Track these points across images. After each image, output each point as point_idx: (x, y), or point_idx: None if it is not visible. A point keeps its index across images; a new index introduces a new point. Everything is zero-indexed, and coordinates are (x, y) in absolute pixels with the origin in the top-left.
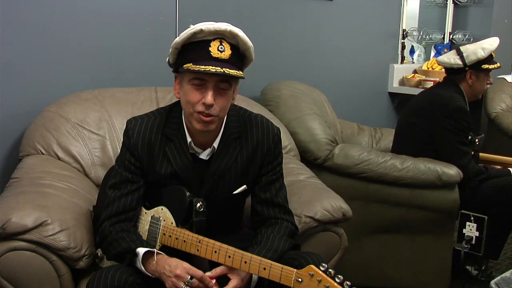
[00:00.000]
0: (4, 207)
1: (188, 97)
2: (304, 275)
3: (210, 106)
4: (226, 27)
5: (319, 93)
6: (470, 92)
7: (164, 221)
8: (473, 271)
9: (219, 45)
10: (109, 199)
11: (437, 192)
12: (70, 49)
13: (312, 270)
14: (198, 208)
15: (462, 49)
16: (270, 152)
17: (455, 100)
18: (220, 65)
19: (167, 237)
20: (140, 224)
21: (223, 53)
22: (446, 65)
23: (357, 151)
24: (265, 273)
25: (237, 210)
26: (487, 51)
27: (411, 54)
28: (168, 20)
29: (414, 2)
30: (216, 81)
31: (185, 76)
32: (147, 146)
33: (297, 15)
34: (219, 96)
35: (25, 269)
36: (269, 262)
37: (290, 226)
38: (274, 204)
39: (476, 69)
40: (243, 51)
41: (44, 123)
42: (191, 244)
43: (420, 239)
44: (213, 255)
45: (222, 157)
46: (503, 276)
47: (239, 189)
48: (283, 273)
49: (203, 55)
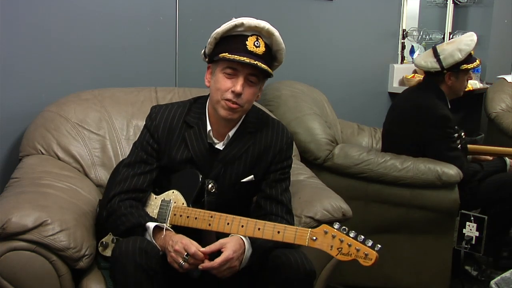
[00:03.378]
0: (4, 207)
1: (219, 85)
2: (318, 233)
3: (238, 95)
4: (265, 24)
5: (319, 93)
6: (451, 92)
7: (175, 203)
8: (473, 271)
9: (255, 40)
10: (122, 176)
11: (437, 192)
12: (70, 49)
13: (327, 228)
14: (210, 189)
15: (439, 50)
16: (282, 152)
17: (437, 108)
18: (254, 58)
19: (177, 217)
20: (148, 209)
21: (258, 48)
22: (423, 69)
23: (357, 151)
24: (280, 236)
25: (243, 202)
26: (465, 53)
27: (411, 54)
28: (168, 20)
29: (414, 2)
30: (247, 73)
31: (218, 65)
32: (168, 130)
33: (297, 15)
34: (248, 88)
35: (25, 269)
36: (283, 226)
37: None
38: (278, 201)
39: (455, 70)
40: (275, 52)
41: (44, 123)
42: (202, 220)
43: (420, 239)
44: (226, 227)
45: (234, 145)
46: (503, 276)
47: (247, 178)
48: (297, 234)
49: (239, 47)
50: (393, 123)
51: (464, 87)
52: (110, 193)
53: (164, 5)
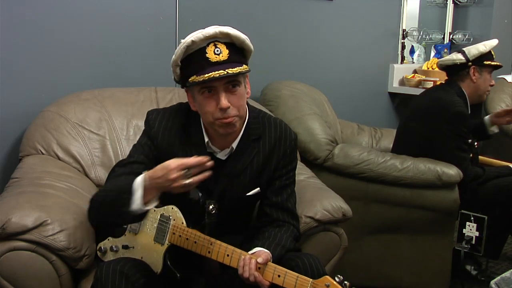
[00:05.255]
0: (4, 207)
1: (204, 108)
2: (320, 285)
3: (227, 109)
4: (215, 30)
5: (319, 93)
6: (473, 91)
7: (174, 221)
8: (473, 271)
9: (214, 48)
10: (114, 174)
11: (437, 192)
12: (70, 49)
13: (328, 281)
14: (211, 210)
15: (463, 48)
16: (286, 155)
17: (455, 104)
18: (222, 67)
19: (176, 237)
20: (148, 222)
21: (220, 55)
22: (448, 62)
23: (357, 151)
24: (280, 280)
25: (248, 212)
26: (488, 46)
27: (411, 54)
28: (168, 20)
29: (414, 2)
30: (224, 84)
31: (194, 88)
32: (167, 139)
33: (297, 15)
34: (233, 97)
35: (25, 269)
36: (284, 270)
37: (295, 231)
38: (284, 208)
39: (479, 64)
40: (240, 46)
41: (44, 123)
42: (202, 245)
43: (420, 239)
44: (225, 258)
45: (239, 157)
46: (503, 276)
47: (253, 191)
48: (298, 282)
49: (203, 63)
50: (409, 119)
51: (487, 89)
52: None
53: (164, 5)
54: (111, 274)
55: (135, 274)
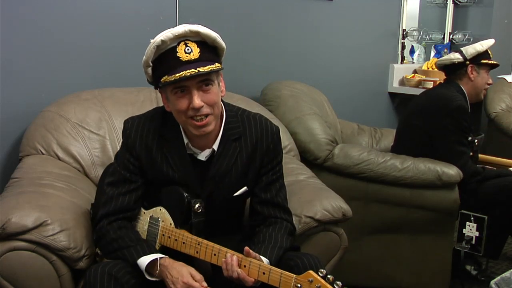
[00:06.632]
0: (4, 207)
1: (177, 107)
2: (303, 281)
3: (199, 108)
4: (184, 28)
5: (319, 93)
6: (472, 90)
7: (163, 222)
8: (473, 271)
9: (185, 47)
10: (107, 196)
11: (437, 192)
12: (70, 49)
13: (311, 276)
14: (197, 209)
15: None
16: (269, 151)
17: (455, 99)
18: (193, 66)
19: (166, 238)
20: (139, 224)
21: (191, 54)
22: (446, 62)
23: (357, 151)
24: (265, 277)
25: (238, 211)
26: (485, 45)
27: (411, 54)
28: (168, 20)
29: (414, 2)
30: (196, 83)
31: (167, 89)
32: (145, 146)
33: (297, 15)
34: (206, 95)
35: (25, 269)
36: (268, 267)
37: (289, 226)
38: (275, 204)
39: (476, 63)
40: (212, 44)
41: (44, 123)
42: (190, 246)
43: (420, 239)
44: (212, 258)
45: (222, 158)
46: (503, 276)
47: (240, 190)
48: (282, 278)
49: (174, 63)
50: (409, 117)
51: (485, 87)
52: (97, 212)
53: (164, 5)
54: (99, 276)
55: (124, 275)
